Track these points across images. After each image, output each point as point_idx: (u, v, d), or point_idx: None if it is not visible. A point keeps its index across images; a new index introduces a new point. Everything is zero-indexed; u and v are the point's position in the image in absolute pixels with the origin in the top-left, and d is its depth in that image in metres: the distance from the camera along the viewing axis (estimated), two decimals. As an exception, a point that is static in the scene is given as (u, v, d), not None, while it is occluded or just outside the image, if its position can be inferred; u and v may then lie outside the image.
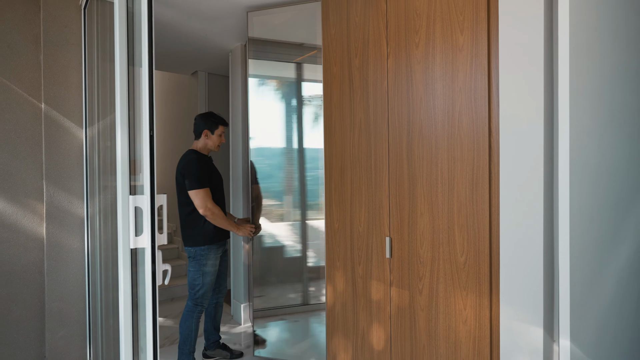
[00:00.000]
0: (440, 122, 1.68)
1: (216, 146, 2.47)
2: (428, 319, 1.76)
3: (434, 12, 1.69)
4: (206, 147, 2.46)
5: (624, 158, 1.52)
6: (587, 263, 1.35)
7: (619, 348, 1.51)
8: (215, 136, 2.43)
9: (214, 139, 2.44)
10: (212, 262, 2.39)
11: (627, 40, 1.52)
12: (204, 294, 2.38)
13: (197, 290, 2.38)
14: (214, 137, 2.44)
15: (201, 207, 2.26)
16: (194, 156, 2.36)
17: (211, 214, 2.27)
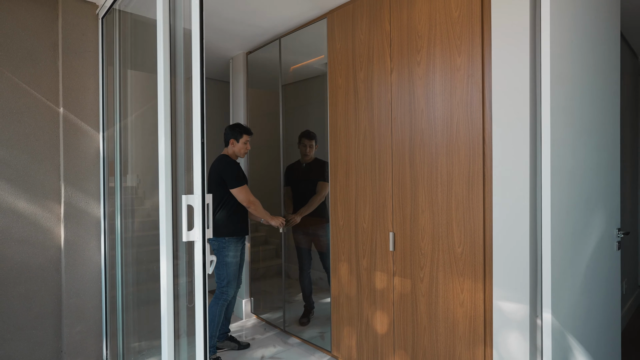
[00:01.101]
0: (440, 131, 1.94)
1: (242, 153, 2.73)
2: (428, 303, 2.01)
3: (434, 36, 1.95)
4: (234, 153, 2.73)
5: (592, 163, 1.82)
6: (564, 250, 1.63)
7: (589, 320, 1.80)
8: (240, 144, 2.71)
9: (239, 146, 2.70)
10: (232, 254, 2.62)
11: (593, 67, 1.82)
12: (228, 284, 2.62)
13: (222, 280, 2.63)
14: (239, 145, 2.70)
15: (245, 200, 2.59)
16: (229, 160, 2.66)
17: (254, 205, 2.61)
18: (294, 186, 2.98)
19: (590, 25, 1.77)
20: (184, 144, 1.71)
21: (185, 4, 1.68)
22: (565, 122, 1.61)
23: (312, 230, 2.84)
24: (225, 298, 2.63)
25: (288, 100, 3.08)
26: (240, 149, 2.71)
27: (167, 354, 1.64)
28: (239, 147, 2.71)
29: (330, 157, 2.58)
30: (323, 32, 2.61)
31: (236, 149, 2.71)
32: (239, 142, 2.70)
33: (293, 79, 3.06)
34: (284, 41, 2.98)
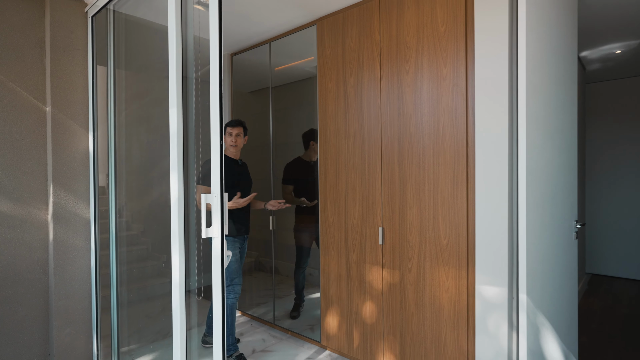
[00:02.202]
0: (427, 134, 2.13)
1: (229, 146, 2.65)
2: (416, 292, 2.20)
3: (422, 47, 2.13)
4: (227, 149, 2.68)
5: (556, 163, 2.08)
6: (537, 239, 1.87)
7: (555, 300, 2.07)
8: (225, 137, 2.67)
9: (225, 139, 2.64)
10: (231, 252, 2.62)
11: (556, 80, 2.09)
12: (232, 281, 2.63)
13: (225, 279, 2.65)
14: (225, 137, 2.64)
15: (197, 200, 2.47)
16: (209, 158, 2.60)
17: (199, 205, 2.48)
18: (298, 184, 3.00)
19: (555, 44, 2.04)
20: (195, 146, 1.78)
21: (198, 14, 1.75)
22: (536, 128, 1.85)
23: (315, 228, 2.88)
24: (234, 296, 2.63)
25: (278, 102, 3.17)
26: (227, 143, 2.65)
27: (179, 345, 1.71)
28: (225, 142, 2.66)
29: (320, 157, 2.71)
30: (313, 37, 2.73)
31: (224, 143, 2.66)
32: (224, 135, 2.65)
33: (282, 81, 3.16)
34: (274, 44, 3.07)
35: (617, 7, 2.54)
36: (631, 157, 4.45)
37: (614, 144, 4.57)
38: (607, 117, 4.60)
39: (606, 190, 4.62)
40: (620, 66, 4.01)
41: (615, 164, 4.56)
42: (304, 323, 3.05)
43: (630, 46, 3.38)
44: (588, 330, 3.10)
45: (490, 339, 1.90)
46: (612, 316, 3.39)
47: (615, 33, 3.05)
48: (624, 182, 4.50)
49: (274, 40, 3.04)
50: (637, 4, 2.50)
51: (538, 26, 1.84)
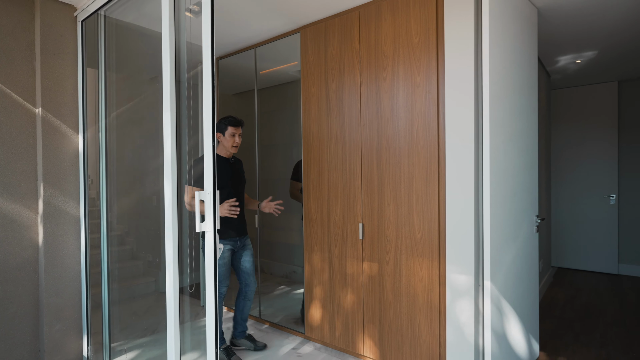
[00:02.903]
0: (403, 137, 2.31)
1: (230, 147, 2.55)
2: (393, 282, 2.38)
3: (398, 56, 2.32)
4: (223, 149, 2.58)
5: (518, 163, 2.30)
6: (500, 233, 2.08)
7: (517, 288, 2.28)
8: (227, 137, 2.54)
9: (226, 140, 2.55)
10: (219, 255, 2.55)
11: (519, 87, 2.31)
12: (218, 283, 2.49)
13: None
14: (226, 138, 2.55)
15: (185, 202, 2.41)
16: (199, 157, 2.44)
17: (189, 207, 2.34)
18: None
19: (516, 55, 2.25)
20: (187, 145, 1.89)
21: (190, 21, 1.87)
22: (499, 131, 2.05)
23: None
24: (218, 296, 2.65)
25: (263, 104, 3.30)
26: (228, 143, 2.55)
27: (172, 337, 1.82)
28: (226, 141, 2.55)
29: (303, 158, 2.85)
30: (296, 43, 2.88)
31: (224, 143, 2.56)
32: (225, 136, 2.55)
33: (267, 84, 3.29)
34: (259, 49, 3.20)
35: (573, 22, 2.80)
36: (592, 157, 4.79)
37: (576, 145, 4.90)
38: (570, 121, 4.93)
39: (570, 188, 4.95)
40: (580, 74, 4.33)
41: (578, 164, 4.90)
42: (288, 317, 3.19)
43: (588, 56, 3.67)
44: (551, 317, 3.36)
45: (458, 323, 2.09)
46: (574, 305, 3.68)
47: (574, 45, 3.32)
48: (587, 180, 4.84)
49: (259, 46, 3.17)
50: (591, 20, 2.76)
51: (501, 40, 2.05)
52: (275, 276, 3.93)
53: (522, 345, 2.34)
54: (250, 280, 2.70)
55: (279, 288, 3.77)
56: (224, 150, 2.59)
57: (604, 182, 4.73)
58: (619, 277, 4.56)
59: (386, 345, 2.42)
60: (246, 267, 2.69)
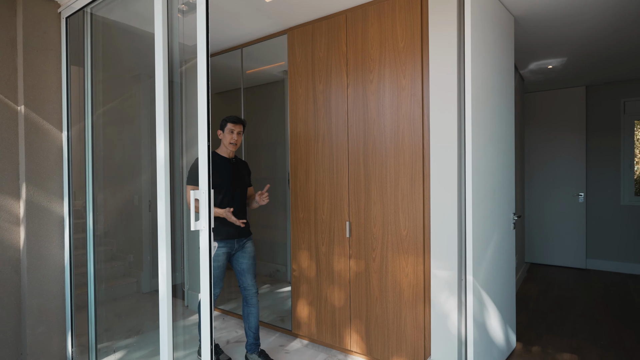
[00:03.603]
0: (389, 138, 2.39)
1: (228, 144, 2.48)
2: (380, 278, 2.46)
3: (384, 60, 2.39)
4: (224, 147, 2.52)
5: (496, 163, 2.42)
6: (481, 229, 2.19)
7: (495, 282, 2.41)
8: (226, 134, 2.48)
9: (225, 136, 2.49)
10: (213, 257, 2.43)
11: (497, 91, 2.43)
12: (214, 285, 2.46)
13: None
14: (225, 134, 2.49)
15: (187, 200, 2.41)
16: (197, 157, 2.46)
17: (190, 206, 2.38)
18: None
19: (495, 60, 2.37)
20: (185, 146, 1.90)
21: (182, 21, 1.89)
22: (479, 133, 2.16)
23: None
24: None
25: (248, 103, 3.32)
26: (226, 139, 2.48)
27: (165, 335, 1.82)
28: (224, 138, 2.49)
29: (290, 158, 2.90)
30: (283, 44, 2.92)
31: (224, 140, 2.50)
32: (225, 132, 2.49)
33: (253, 83, 3.31)
34: (245, 49, 3.22)
35: (546, 31, 2.96)
36: (562, 158, 5.05)
37: (547, 146, 5.15)
38: (542, 123, 5.17)
39: (542, 187, 5.19)
40: (551, 79, 4.56)
41: (549, 164, 5.14)
42: (274, 315, 3.22)
43: (559, 63, 3.87)
44: (526, 309, 3.54)
45: (442, 316, 2.19)
46: (546, 298, 3.87)
47: (546, 51, 3.50)
48: (557, 180, 5.09)
49: (245, 46, 3.19)
50: (563, 30, 2.93)
51: (481, 46, 2.16)
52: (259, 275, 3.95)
53: (500, 337, 2.47)
54: (248, 283, 2.56)
55: (264, 287, 3.79)
56: (224, 149, 2.53)
57: (573, 182, 4.98)
58: (587, 272, 4.82)
59: (373, 340, 2.49)
60: (242, 269, 2.56)
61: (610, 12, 2.67)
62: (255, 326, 2.57)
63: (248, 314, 2.57)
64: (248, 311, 2.57)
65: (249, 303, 2.57)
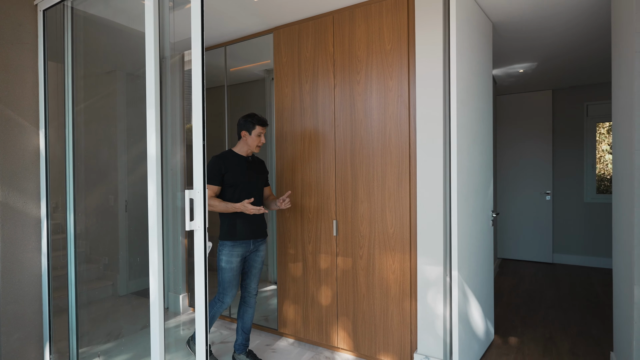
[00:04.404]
0: (376, 137, 2.44)
1: (255, 146, 2.44)
2: (367, 275, 2.51)
3: (371, 61, 2.44)
4: (245, 147, 2.46)
5: (478, 163, 2.53)
6: (465, 226, 2.28)
7: (477, 276, 2.51)
8: (253, 136, 2.42)
9: (252, 139, 2.42)
10: (225, 259, 2.36)
11: (478, 94, 2.54)
12: (223, 291, 2.39)
13: (219, 285, 2.40)
14: (252, 137, 2.42)
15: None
16: (221, 154, 2.43)
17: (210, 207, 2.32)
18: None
19: (476, 64, 2.48)
20: (170, 144, 1.86)
21: (174, 20, 1.86)
22: (463, 134, 2.25)
23: None
24: (220, 305, 2.40)
25: (233, 101, 3.29)
26: (254, 142, 2.42)
27: (157, 337, 1.79)
28: (252, 140, 2.42)
29: (276, 157, 2.90)
30: (269, 43, 2.92)
31: (249, 142, 2.43)
32: (252, 135, 2.41)
33: (237, 80, 3.28)
34: (229, 48, 3.19)
35: (520, 37, 3.11)
36: (531, 158, 5.30)
37: (517, 147, 5.39)
38: (512, 124, 5.42)
39: (511, 185, 5.43)
40: (522, 82, 4.78)
41: (519, 164, 5.39)
42: (258, 314, 3.21)
43: (530, 67, 4.07)
44: (501, 303, 3.70)
45: (429, 310, 2.27)
46: (518, 292, 4.06)
47: (519, 56, 3.68)
48: (526, 179, 5.34)
49: (230, 44, 3.16)
50: (534, 36, 3.09)
51: (464, 50, 2.25)
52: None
53: (482, 329, 2.58)
54: (252, 286, 2.53)
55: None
56: (244, 149, 2.46)
57: (541, 181, 5.25)
58: (554, 265, 5.10)
59: (360, 336, 2.54)
60: (250, 272, 2.51)
61: (575, 23, 2.84)
62: (249, 327, 2.55)
63: (244, 313, 2.54)
64: (244, 310, 2.54)
65: (247, 303, 2.54)
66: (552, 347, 2.76)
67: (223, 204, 2.33)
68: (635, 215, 1.81)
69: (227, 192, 2.40)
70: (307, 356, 2.65)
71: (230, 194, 2.39)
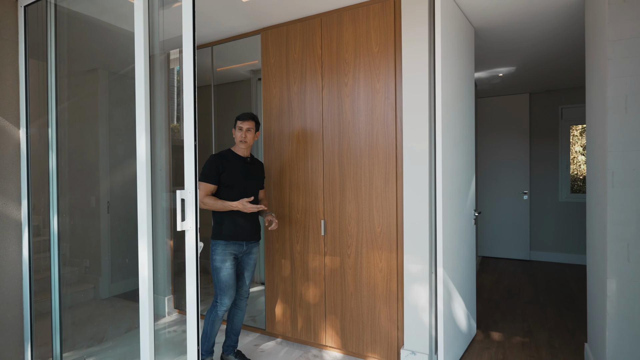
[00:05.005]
0: (364, 139, 2.49)
1: (238, 141, 2.42)
2: (354, 274, 2.55)
3: (359, 64, 2.49)
4: (237, 146, 2.45)
5: (461, 163, 2.61)
6: (449, 225, 2.35)
7: (460, 273, 2.59)
8: (236, 131, 2.43)
9: (235, 134, 2.44)
10: (219, 258, 2.32)
11: (461, 97, 2.62)
12: (220, 292, 2.34)
13: (215, 287, 2.36)
14: (235, 132, 2.43)
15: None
16: (219, 153, 2.43)
17: (203, 205, 2.30)
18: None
19: (459, 67, 2.56)
20: (159, 144, 1.85)
21: (163, 19, 1.85)
22: (448, 136, 2.32)
23: None
24: (219, 309, 2.34)
25: (219, 101, 3.27)
26: (235, 137, 2.43)
27: (147, 339, 1.78)
28: (235, 136, 2.44)
29: (263, 157, 2.91)
30: (257, 44, 2.92)
31: (234, 138, 2.45)
32: (235, 129, 2.43)
33: (223, 80, 3.27)
34: (216, 47, 3.17)
35: (500, 42, 3.23)
36: (509, 159, 5.48)
37: (496, 147, 5.56)
38: (491, 126, 5.58)
39: (491, 185, 5.60)
40: (500, 86, 4.94)
41: (497, 164, 5.56)
42: (246, 315, 3.21)
43: (509, 71, 4.22)
44: (482, 299, 3.82)
45: (414, 307, 2.33)
46: (498, 288, 4.20)
47: (499, 60, 3.81)
48: (504, 178, 5.52)
49: (217, 44, 3.15)
50: (515, 41, 3.21)
51: (449, 54, 2.32)
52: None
53: (465, 324, 2.66)
54: (244, 289, 2.50)
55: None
56: (238, 148, 2.45)
57: (519, 181, 5.43)
58: (531, 262, 5.28)
59: (348, 334, 2.58)
60: (242, 275, 2.48)
61: (551, 31, 2.97)
62: (238, 329, 2.54)
63: (234, 316, 2.51)
64: (234, 313, 2.51)
65: (238, 306, 2.51)
66: (530, 340, 2.87)
67: (219, 202, 2.29)
68: (608, 213, 1.92)
69: (223, 192, 2.36)
70: (296, 355, 2.67)
71: (226, 195, 2.35)
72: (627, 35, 1.87)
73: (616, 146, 1.90)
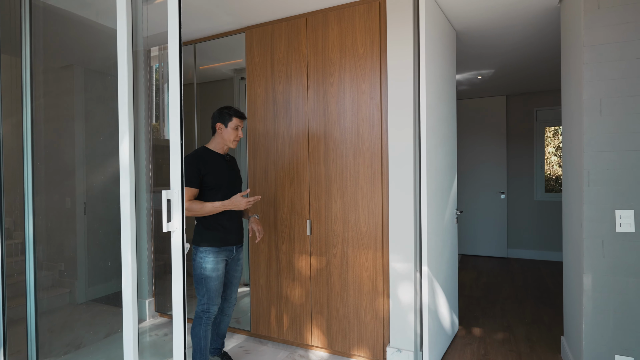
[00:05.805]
0: (349, 138, 2.50)
1: (231, 141, 2.24)
2: (340, 273, 2.56)
3: (345, 64, 2.50)
4: (220, 143, 2.26)
5: (444, 163, 2.66)
6: (434, 224, 2.39)
7: (444, 271, 2.64)
8: (229, 129, 2.22)
9: (228, 132, 2.22)
10: (211, 267, 2.18)
11: (444, 98, 2.67)
12: (209, 300, 2.20)
13: (202, 296, 2.20)
14: (228, 130, 2.22)
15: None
16: (194, 154, 2.22)
17: (189, 212, 2.11)
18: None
19: (442, 69, 2.61)
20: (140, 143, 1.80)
21: (147, 10, 1.80)
22: (432, 136, 2.36)
23: None
24: (208, 316, 2.22)
25: (203, 100, 3.22)
26: (230, 136, 2.22)
27: (131, 343, 1.73)
28: (227, 134, 2.22)
29: (248, 157, 2.88)
30: (239, 42, 2.89)
31: (225, 136, 2.23)
32: (228, 128, 2.22)
33: (206, 79, 3.22)
34: (198, 45, 3.12)
35: (479, 45, 3.31)
36: (487, 159, 5.63)
37: (474, 148, 5.70)
38: (470, 128, 5.72)
39: (469, 185, 5.73)
40: (479, 88, 5.07)
41: (475, 164, 5.70)
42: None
43: (488, 73, 4.33)
44: (463, 296, 3.90)
45: (400, 305, 2.36)
46: (478, 285, 4.30)
47: (478, 63, 3.91)
48: (482, 179, 5.66)
49: (199, 42, 3.10)
50: (494, 45, 3.30)
51: (432, 56, 2.37)
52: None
53: (448, 321, 2.72)
54: (232, 296, 2.41)
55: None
56: (219, 145, 2.26)
57: (496, 181, 5.58)
58: (508, 260, 5.44)
59: (334, 333, 2.59)
60: (230, 282, 2.39)
61: (528, 34, 3.07)
62: (224, 333, 2.50)
63: (220, 322, 2.44)
64: (221, 319, 2.44)
65: (225, 313, 2.44)
66: (510, 335, 2.96)
67: (208, 205, 2.13)
68: (584, 211, 2.00)
69: (208, 195, 2.19)
70: (282, 356, 2.66)
71: (211, 198, 2.19)
72: (601, 41, 1.96)
73: (592, 146, 1.98)
